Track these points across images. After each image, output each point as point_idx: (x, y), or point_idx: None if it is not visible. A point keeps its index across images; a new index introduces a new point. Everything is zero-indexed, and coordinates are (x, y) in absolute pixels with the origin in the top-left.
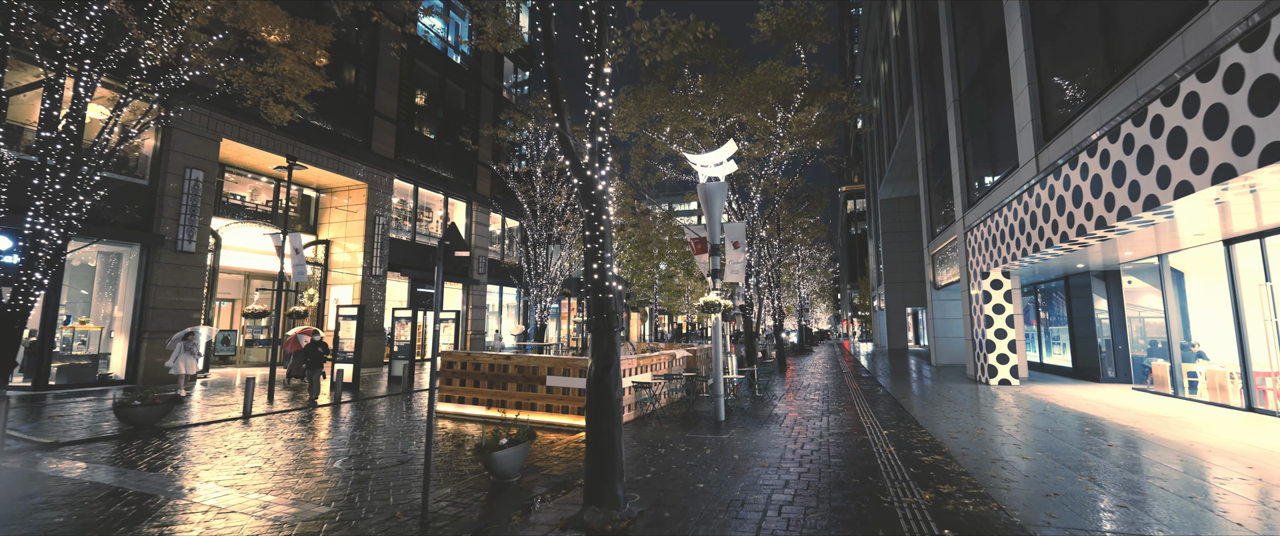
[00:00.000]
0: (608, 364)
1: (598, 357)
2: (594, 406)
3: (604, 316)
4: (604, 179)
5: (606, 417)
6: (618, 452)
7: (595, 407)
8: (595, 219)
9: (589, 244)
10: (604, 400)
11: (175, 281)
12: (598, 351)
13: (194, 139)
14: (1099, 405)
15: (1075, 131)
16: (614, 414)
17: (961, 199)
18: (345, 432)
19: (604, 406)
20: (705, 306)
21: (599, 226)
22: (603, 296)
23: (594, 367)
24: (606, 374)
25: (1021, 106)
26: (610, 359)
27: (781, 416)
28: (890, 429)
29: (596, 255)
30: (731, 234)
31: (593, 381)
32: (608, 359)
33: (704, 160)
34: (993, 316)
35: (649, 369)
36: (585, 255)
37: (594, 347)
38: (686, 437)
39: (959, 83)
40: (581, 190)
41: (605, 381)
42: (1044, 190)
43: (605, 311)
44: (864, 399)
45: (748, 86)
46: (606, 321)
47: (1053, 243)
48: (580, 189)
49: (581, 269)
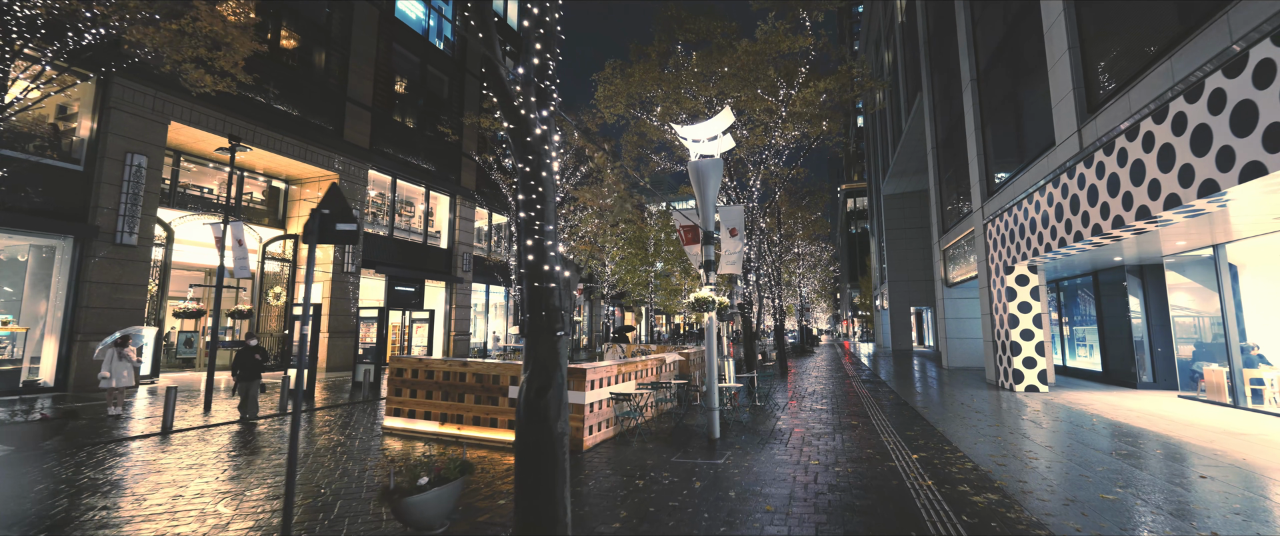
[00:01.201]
0: (546, 381)
1: (533, 372)
2: (525, 443)
3: (543, 314)
4: (545, 121)
5: (543, 459)
6: (560, 510)
7: (527, 446)
8: (532, 176)
9: (524, 212)
10: (538, 434)
11: (114, 278)
12: (534, 363)
13: (136, 121)
14: (1154, 418)
15: (1135, 96)
16: (554, 454)
17: (980, 188)
18: (266, 457)
19: (538, 443)
20: (697, 304)
21: (538, 187)
22: (542, 285)
23: (526, 387)
24: (542, 397)
25: (1059, 75)
26: (550, 374)
27: (786, 432)
28: (919, 451)
29: (534, 227)
30: (727, 219)
31: (523, 407)
32: (546, 374)
33: (696, 133)
34: (1018, 315)
35: (632, 376)
36: (519, 227)
37: (528, 358)
38: (673, 463)
39: (976, 61)
40: (514, 135)
41: (541, 407)
42: (1090, 169)
43: (545, 306)
44: (878, 408)
45: (746, 55)
46: (546, 320)
47: (1101, 230)
48: (513, 134)
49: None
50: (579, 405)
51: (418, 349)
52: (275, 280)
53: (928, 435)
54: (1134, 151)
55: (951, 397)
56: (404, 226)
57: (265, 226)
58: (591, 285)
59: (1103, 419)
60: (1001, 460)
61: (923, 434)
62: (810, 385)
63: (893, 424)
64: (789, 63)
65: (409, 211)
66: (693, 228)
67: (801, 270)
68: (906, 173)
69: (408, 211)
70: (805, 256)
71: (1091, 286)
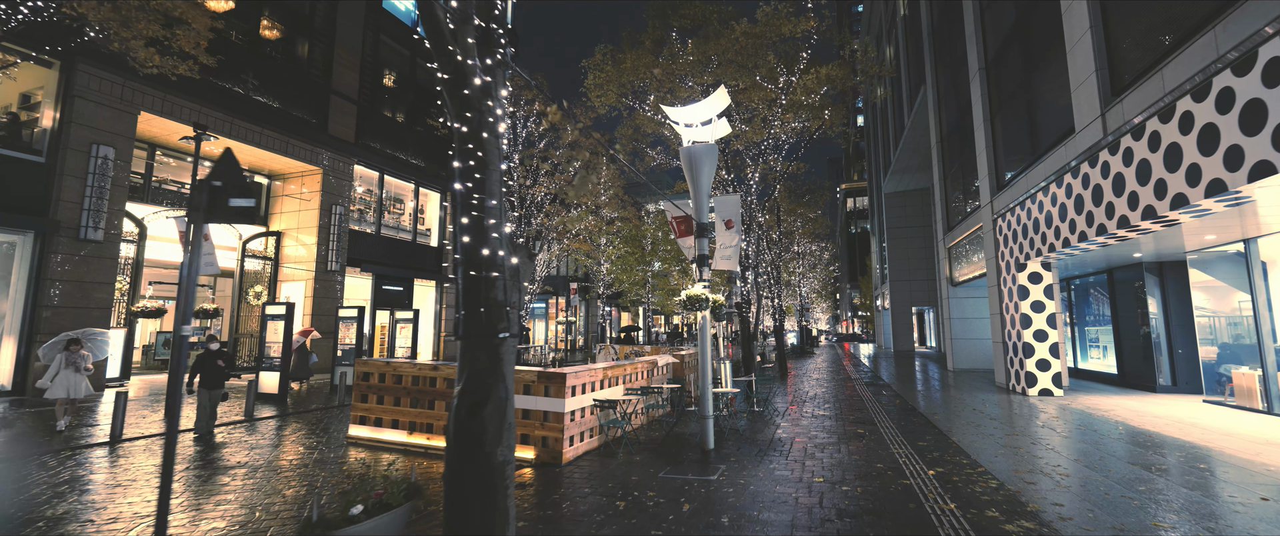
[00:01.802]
0: (482, 396)
1: (467, 385)
2: (454, 476)
3: (482, 311)
4: (489, 72)
5: (477, 497)
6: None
7: (456, 479)
8: (471, 138)
9: (459, 182)
10: (471, 465)
11: (78, 275)
12: (468, 373)
13: (103, 110)
14: (1184, 426)
15: (1170, 73)
16: (492, 489)
17: (989, 182)
18: (215, 471)
19: (471, 476)
20: (689, 302)
21: (477, 152)
22: (481, 274)
23: (456, 404)
24: (476, 416)
25: (1080, 57)
26: (488, 387)
27: (786, 442)
28: (935, 466)
29: (472, 202)
30: (723, 210)
31: (453, 429)
32: (483, 387)
33: (688, 116)
34: (1031, 315)
35: (620, 381)
36: (454, 200)
37: (463, 366)
38: (661, 479)
39: (985, 49)
40: (449, 88)
41: (474, 429)
42: (1115, 156)
43: (485, 301)
44: (885, 414)
45: (745, 38)
46: (486, 319)
47: (1129, 222)
48: (447, 86)
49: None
50: (558, 413)
51: (402, 350)
52: (256, 279)
53: (942, 446)
54: (1168, 135)
55: (961, 402)
56: (392, 224)
57: (246, 222)
58: (587, 284)
59: (1128, 426)
60: (1028, 476)
61: (936, 444)
62: (811, 388)
63: (902, 432)
64: (789, 48)
65: (398, 208)
66: (685, 219)
67: (801, 269)
68: (909, 170)
69: (397, 208)
70: (805, 255)
71: (1105, 284)
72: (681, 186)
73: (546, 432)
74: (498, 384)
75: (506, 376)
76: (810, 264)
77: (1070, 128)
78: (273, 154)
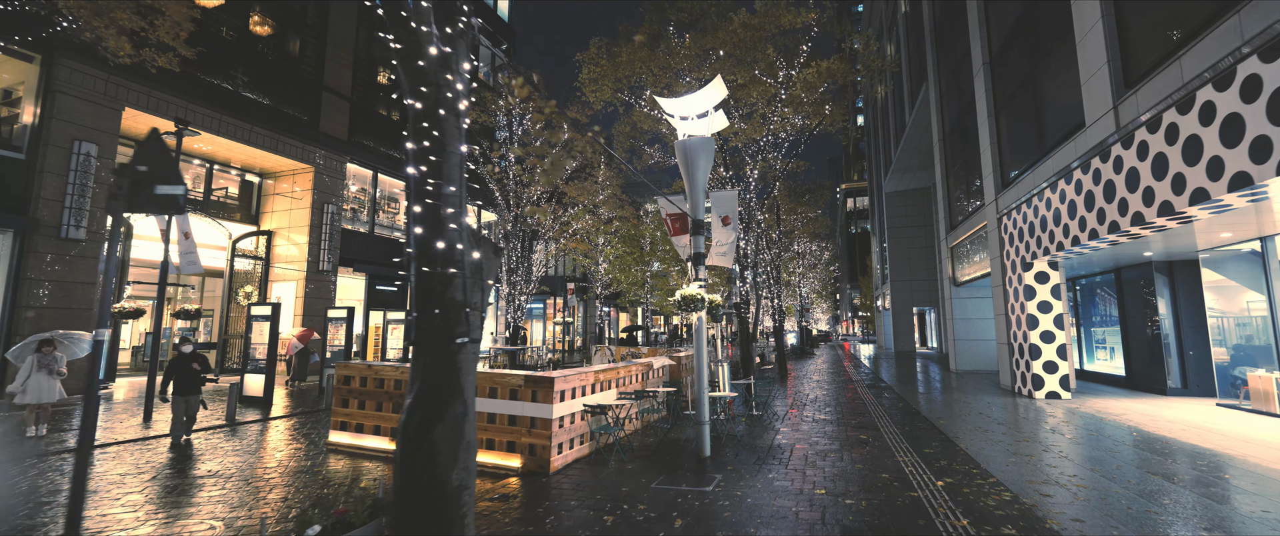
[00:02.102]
0: (435, 411)
1: (419, 397)
2: (406, 504)
3: (437, 312)
4: (450, 41)
5: (429, 530)
6: None
7: (408, 508)
8: (426, 117)
9: (413, 166)
10: (421, 490)
11: (59, 275)
12: (420, 383)
13: (86, 106)
14: (1202, 432)
15: (1188, 62)
16: (444, 519)
17: (994, 179)
18: (184, 480)
19: (421, 504)
20: (684, 302)
21: (433, 132)
22: (437, 271)
23: (405, 418)
24: (428, 434)
25: (1091, 48)
26: (443, 401)
27: (786, 449)
28: (944, 476)
29: (426, 188)
30: (719, 206)
31: (400, 449)
32: (438, 400)
33: (683, 108)
34: (1037, 316)
35: (613, 384)
36: (408, 186)
37: (414, 374)
38: (653, 490)
39: (989, 44)
40: (403, 60)
41: (426, 449)
42: (1129, 150)
43: (441, 301)
44: (888, 419)
45: (743, 29)
46: (441, 321)
47: (1143, 218)
48: (401, 58)
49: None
50: (546, 420)
51: (393, 352)
52: (247, 279)
53: (949, 453)
54: (1188, 126)
55: (966, 406)
56: (387, 223)
57: (237, 222)
58: (584, 284)
59: (1141, 432)
60: (1044, 488)
61: (943, 452)
62: (811, 390)
63: (907, 438)
64: (789, 41)
65: (393, 208)
66: (680, 216)
67: (801, 269)
68: (910, 169)
69: (391, 208)
70: (805, 255)
71: (1113, 284)
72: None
73: (533, 440)
74: (454, 398)
75: (466, 388)
76: (810, 264)
77: (1080, 122)
78: (263, 152)
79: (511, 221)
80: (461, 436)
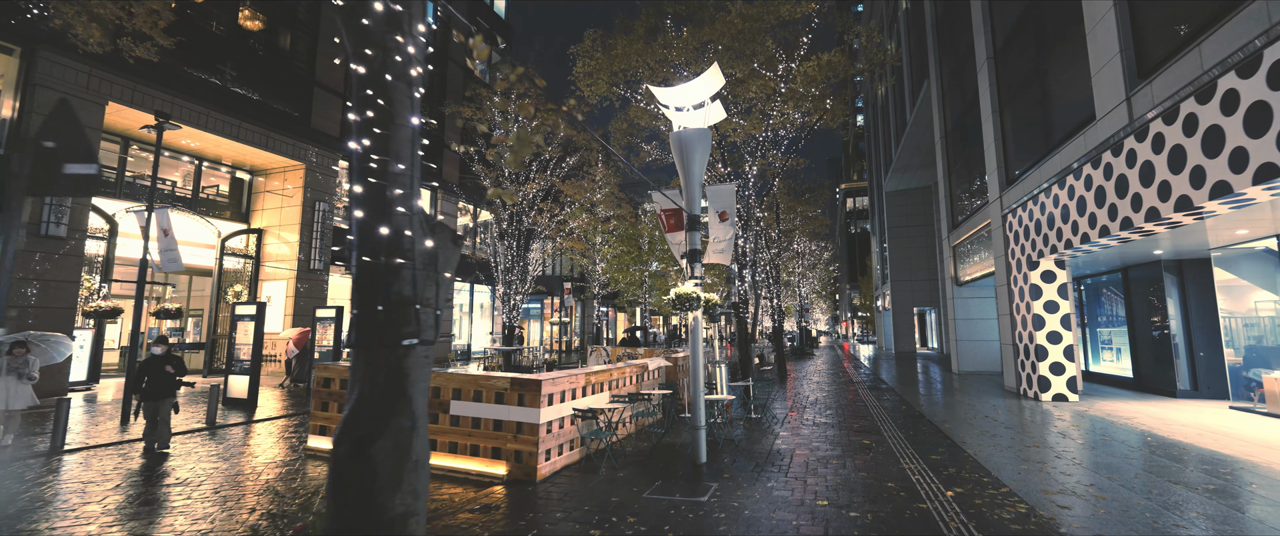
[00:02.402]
0: (375, 426)
1: (356, 409)
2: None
3: (381, 309)
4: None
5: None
6: None
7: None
8: (371, 82)
9: (356, 140)
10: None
11: (40, 273)
12: (359, 393)
13: (68, 100)
14: (1219, 436)
15: (1208, 50)
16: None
17: (998, 176)
18: (151, 488)
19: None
20: (679, 301)
21: (378, 99)
22: (381, 261)
23: (338, 435)
24: (364, 452)
25: (1102, 37)
26: (385, 414)
27: (786, 454)
28: (953, 485)
29: (370, 164)
30: (716, 201)
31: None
32: (378, 414)
33: (679, 98)
34: (1043, 316)
35: (605, 387)
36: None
37: (353, 382)
38: (645, 500)
39: (993, 38)
40: (345, 17)
41: (361, 471)
42: (1143, 143)
43: (386, 297)
44: (890, 422)
45: (741, 19)
46: (386, 320)
47: (1158, 214)
48: (344, 14)
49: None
50: (533, 425)
51: None
52: (236, 278)
53: (957, 459)
54: (1208, 116)
55: (971, 408)
56: None
57: (226, 220)
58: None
59: (1157, 437)
60: (1062, 499)
61: (951, 458)
62: (812, 392)
63: (911, 443)
64: (789, 33)
65: None
66: (675, 212)
67: (801, 269)
68: (911, 168)
69: None
70: (805, 255)
71: (1120, 284)
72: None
73: (519, 446)
74: (399, 409)
75: (415, 398)
76: (810, 263)
77: (1089, 115)
78: (253, 148)
79: (507, 220)
80: (407, 454)
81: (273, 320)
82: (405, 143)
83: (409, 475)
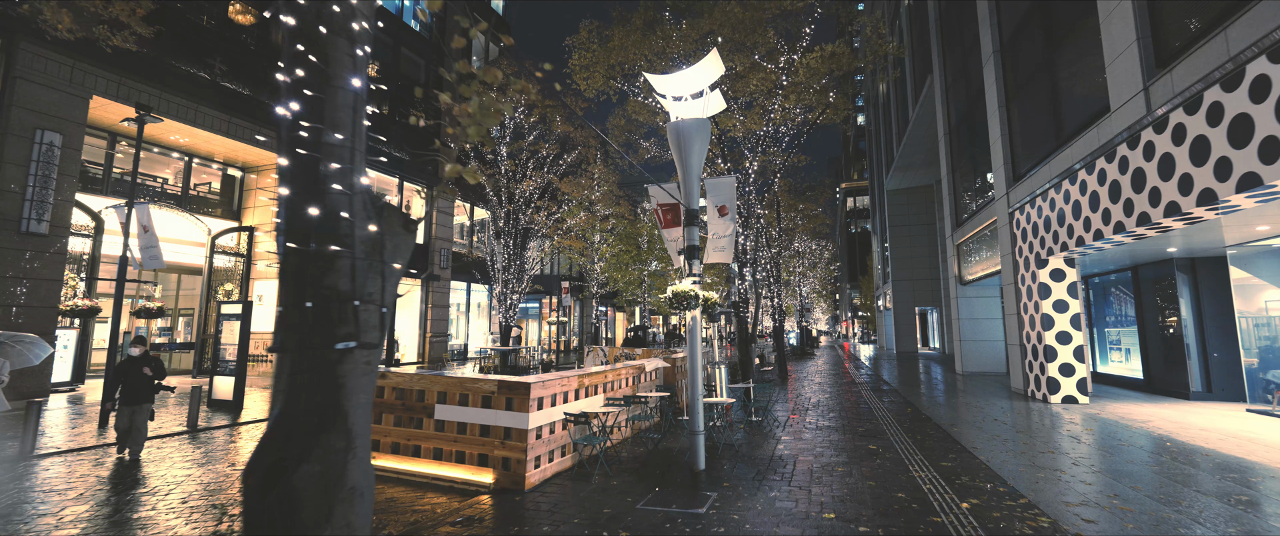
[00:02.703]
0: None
1: (275, 435)
2: None
3: (310, 306)
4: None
5: None
6: None
7: None
8: (302, 35)
9: (284, 104)
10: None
11: (17, 271)
12: (283, 412)
13: (49, 93)
14: (1242, 441)
15: (1236, 34)
16: None
17: (1005, 172)
18: (115, 496)
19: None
20: (677, 299)
21: (309, 57)
22: (310, 248)
23: (250, 466)
24: (286, 480)
25: (1117, 25)
26: (308, 437)
27: (789, 461)
28: (968, 496)
29: (300, 133)
30: (715, 195)
31: (249, 502)
32: (305, 433)
33: (676, 86)
34: (1053, 315)
35: (600, 389)
36: (279, 132)
37: (274, 398)
38: (638, 512)
39: (999, 31)
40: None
41: (280, 506)
42: (1162, 134)
43: (319, 291)
44: (897, 425)
45: (742, 10)
46: (316, 320)
47: (1179, 208)
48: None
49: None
50: (521, 431)
51: None
52: (227, 277)
53: (969, 467)
54: (1234, 105)
55: (979, 411)
56: None
57: (217, 217)
58: (580, 283)
59: (1177, 442)
60: (1085, 511)
61: (963, 465)
62: (814, 394)
63: (920, 448)
64: (791, 25)
65: None
66: (672, 206)
67: (801, 268)
68: (913, 166)
69: None
70: (805, 254)
71: (1130, 283)
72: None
73: (507, 453)
74: (332, 427)
75: (351, 412)
76: (810, 263)
77: (1103, 107)
78: (244, 144)
79: (503, 217)
80: (340, 482)
81: (265, 320)
82: (344, 109)
83: (342, 508)
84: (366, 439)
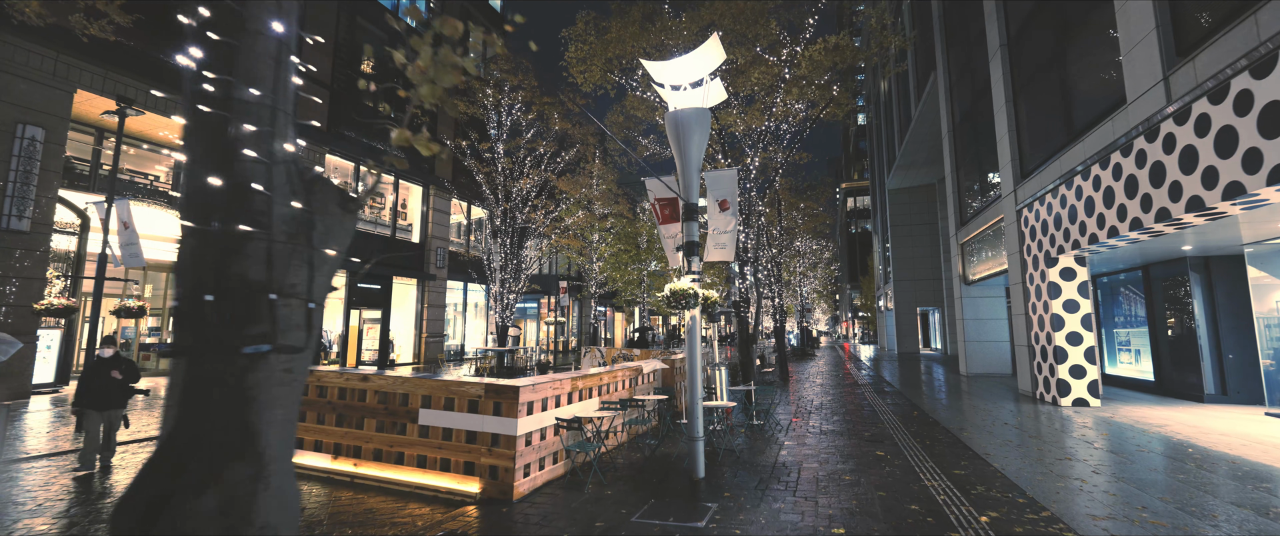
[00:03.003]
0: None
1: (171, 451)
2: None
3: (215, 301)
4: None
5: None
6: None
7: None
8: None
9: (189, 55)
10: None
11: (2, 270)
12: (176, 428)
13: (30, 86)
14: (1268, 447)
15: (1266, 17)
16: None
17: (1012, 169)
18: (79, 508)
19: None
20: (675, 298)
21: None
22: (211, 226)
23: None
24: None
25: (1133, 13)
26: (218, 452)
27: (792, 468)
28: (985, 509)
29: (204, 87)
30: (716, 188)
31: None
32: (205, 452)
33: (675, 74)
34: (1063, 316)
35: (594, 392)
36: (183, 89)
37: (166, 414)
38: (634, 525)
39: (1006, 23)
40: None
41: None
42: (1184, 126)
43: (220, 282)
44: (904, 430)
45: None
46: (219, 313)
47: (1203, 203)
48: None
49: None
50: (510, 437)
51: (369, 353)
52: None
53: (983, 475)
54: (1266, 92)
55: (988, 415)
56: (370, 218)
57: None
58: (578, 283)
59: (1199, 448)
60: (1114, 526)
61: (976, 473)
62: (816, 396)
63: (929, 454)
64: (794, 16)
65: (377, 203)
66: (671, 201)
67: (802, 268)
68: (915, 164)
69: (376, 203)
70: (806, 254)
71: (1140, 282)
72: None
73: (495, 460)
74: (234, 453)
75: (264, 434)
76: (811, 263)
77: (1119, 99)
78: None
79: (500, 216)
80: (248, 519)
81: None
82: (264, 59)
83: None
84: (286, 464)
